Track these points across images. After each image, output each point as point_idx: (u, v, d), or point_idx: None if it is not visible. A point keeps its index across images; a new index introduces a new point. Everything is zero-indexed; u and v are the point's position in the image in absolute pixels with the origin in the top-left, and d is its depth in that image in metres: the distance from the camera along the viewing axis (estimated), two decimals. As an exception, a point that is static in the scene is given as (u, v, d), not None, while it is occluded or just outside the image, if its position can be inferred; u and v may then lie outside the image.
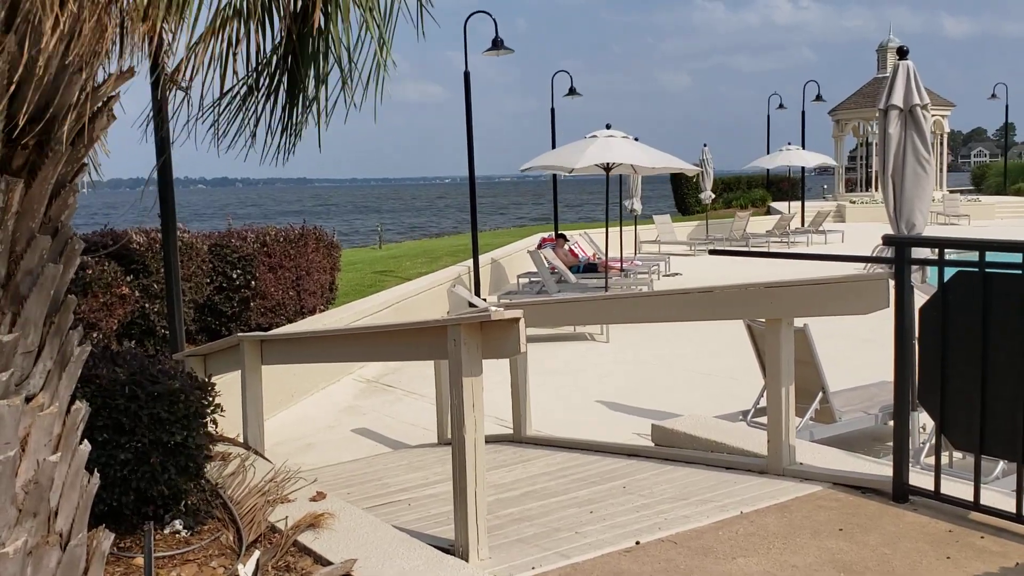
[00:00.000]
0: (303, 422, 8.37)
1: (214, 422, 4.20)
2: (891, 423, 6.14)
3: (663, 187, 39.76)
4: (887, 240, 3.81)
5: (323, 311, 10.34)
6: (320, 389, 9.46)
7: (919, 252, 4.74)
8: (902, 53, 5.79)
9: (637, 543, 3.56)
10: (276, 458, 5.54)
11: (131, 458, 3.69)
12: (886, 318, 3.92)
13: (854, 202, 31.45)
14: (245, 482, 4.50)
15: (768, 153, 28.82)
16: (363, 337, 4.42)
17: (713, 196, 25.87)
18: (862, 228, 25.09)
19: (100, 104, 2.76)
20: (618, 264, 16.48)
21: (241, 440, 5.60)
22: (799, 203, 29.19)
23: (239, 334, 5.72)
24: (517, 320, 3.28)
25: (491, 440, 6.31)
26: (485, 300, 14.17)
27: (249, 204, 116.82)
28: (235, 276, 8.97)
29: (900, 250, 3.73)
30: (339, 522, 3.82)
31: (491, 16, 14.19)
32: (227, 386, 5.82)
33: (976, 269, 3.49)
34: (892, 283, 3.80)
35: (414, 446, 6.94)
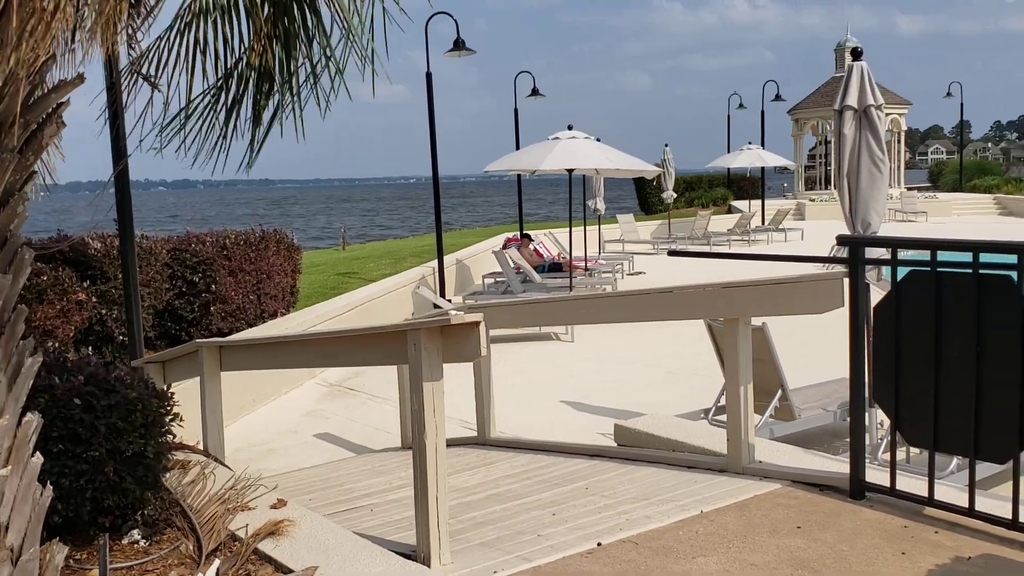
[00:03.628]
0: (265, 427, 8.30)
1: (171, 433, 4.15)
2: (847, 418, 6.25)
3: (627, 187, 39.97)
4: (841, 240, 3.87)
5: (285, 314, 10.26)
6: (283, 394, 9.39)
7: (875, 252, 4.82)
8: (856, 54, 5.88)
9: (599, 544, 3.57)
10: (238, 464, 5.49)
11: (87, 468, 3.64)
12: (846, 316, 3.97)
13: (813, 200, 31.84)
14: (205, 490, 4.45)
15: (729, 152, 29.09)
16: (323, 342, 4.40)
17: (675, 195, 26.07)
18: (821, 226, 25.39)
19: (50, 111, 2.72)
20: (582, 264, 16.54)
21: (201, 447, 5.54)
22: (760, 202, 29.50)
23: (198, 340, 5.66)
24: (477, 323, 3.28)
25: (455, 443, 6.31)
26: (450, 301, 14.15)
27: (219, 204, 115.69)
28: (195, 280, 8.88)
29: (854, 250, 3.79)
30: (300, 529, 3.80)
31: (452, 17, 14.18)
32: (188, 392, 5.77)
33: (928, 268, 3.56)
34: (847, 282, 3.86)
35: (377, 450, 6.91)
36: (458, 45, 14.33)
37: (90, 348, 7.49)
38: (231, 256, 9.39)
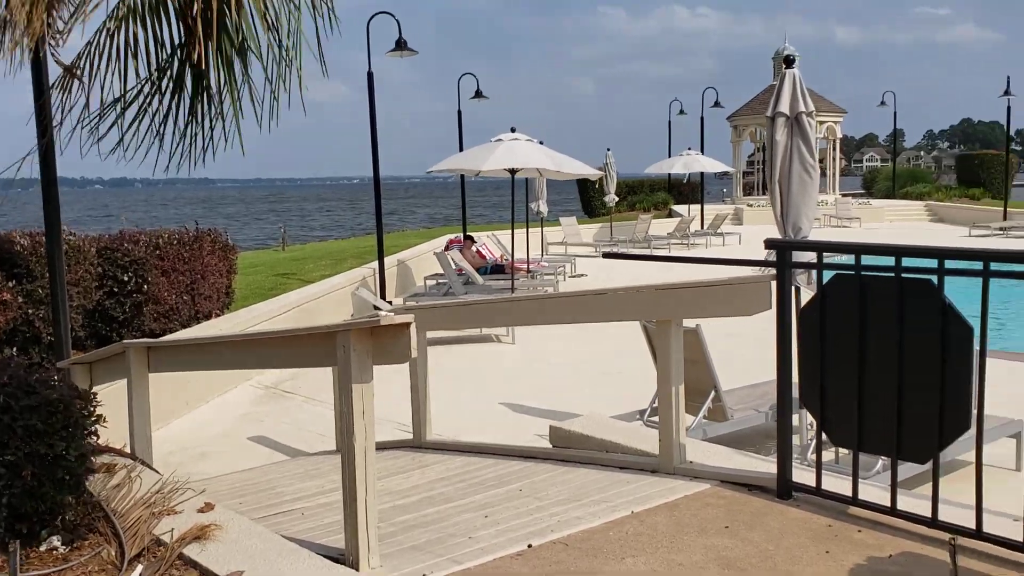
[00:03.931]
0: (198, 430, 8.15)
1: (95, 434, 4.04)
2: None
3: (570, 190, 40.22)
4: (769, 244, 3.93)
5: (220, 315, 10.08)
6: (217, 395, 9.23)
7: (806, 255, 4.90)
8: (788, 62, 5.99)
9: (529, 546, 3.57)
10: (169, 467, 5.37)
11: (3, 473, 3.52)
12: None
13: (751, 205, 32.39)
14: (131, 494, 4.34)
15: (669, 157, 29.45)
16: (252, 344, 4.33)
17: (617, 199, 26.30)
18: (759, 230, 25.81)
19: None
20: (525, 266, 16.58)
21: (129, 450, 5.41)
22: (699, 206, 29.92)
23: (125, 341, 5.52)
24: (407, 325, 3.26)
25: (391, 446, 6.26)
26: (391, 303, 14.06)
27: (157, 203, 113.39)
28: (126, 280, 8.67)
29: (781, 253, 3.85)
30: (227, 533, 3.73)
31: (394, 17, 14.11)
32: (119, 394, 5.61)
33: (852, 272, 3.63)
34: (775, 285, 3.92)
35: (312, 453, 6.83)
36: (400, 45, 14.27)
37: (15, 349, 7.27)
38: (164, 256, 9.20)
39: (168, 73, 3.43)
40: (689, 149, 28.03)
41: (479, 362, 10.58)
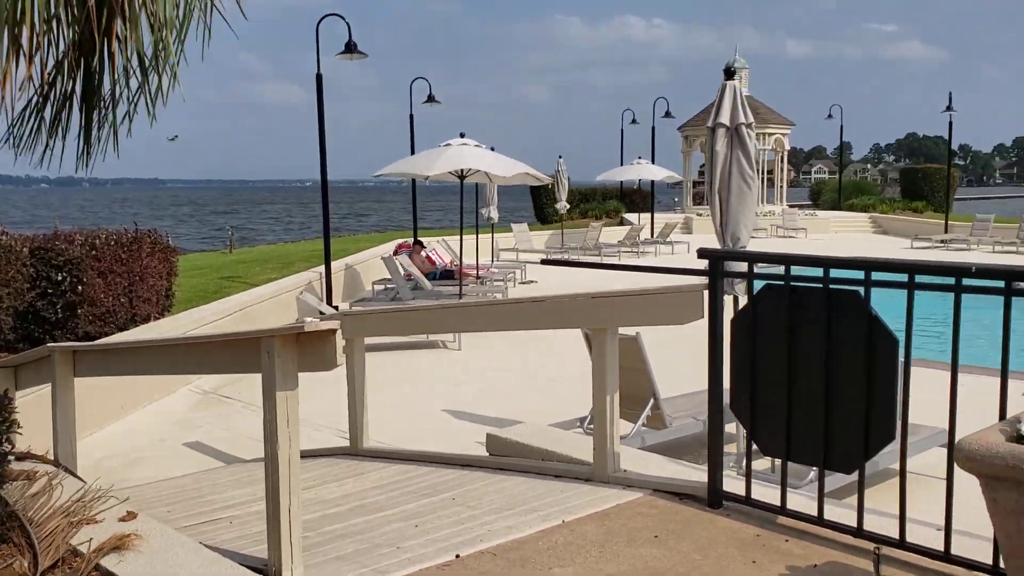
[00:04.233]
0: (132, 436, 7.96)
1: (10, 441, 3.90)
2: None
3: (523, 197, 40.31)
4: (701, 253, 3.94)
5: (159, 318, 9.88)
6: (154, 401, 9.03)
7: (742, 265, 4.94)
8: (729, 73, 6.04)
9: (457, 556, 3.53)
10: (100, 474, 5.23)
11: (-91, 481, 3.38)
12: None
13: (701, 215, 32.70)
14: (50, 503, 4.21)
15: (621, 166, 29.65)
16: (177, 349, 4.22)
17: (568, 206, 26.38)
18: (707, 239, 25.99)
19: None
20: (474, 271, 16.54)
21: (52, 457, 5.25)
22: (650, 215, 30.16)
23: (50, 344, 5.37)
24: (333, 331, 3.20)
25: (328, 453, 6.18)
26: (337, 307, 13.92)
27: (105, 205, 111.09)
28: (60, 280, 8.45)
29: (713, 263, 3.87)
30: (147, 543, 3.62)
31: (344, 19, 13.99)
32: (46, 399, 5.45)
33: (782, 282, 3.65)
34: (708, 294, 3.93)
35: (248, 460, 6.70)
36: (350, 48, 14.15)
37: (-61, 351, 7.03)
38: (101, 256, 8.98)
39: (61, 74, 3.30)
40: (639, 158, 28.29)
41: (424, 368, 10.50)
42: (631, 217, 31.64)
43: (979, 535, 3.39)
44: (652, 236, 27.46)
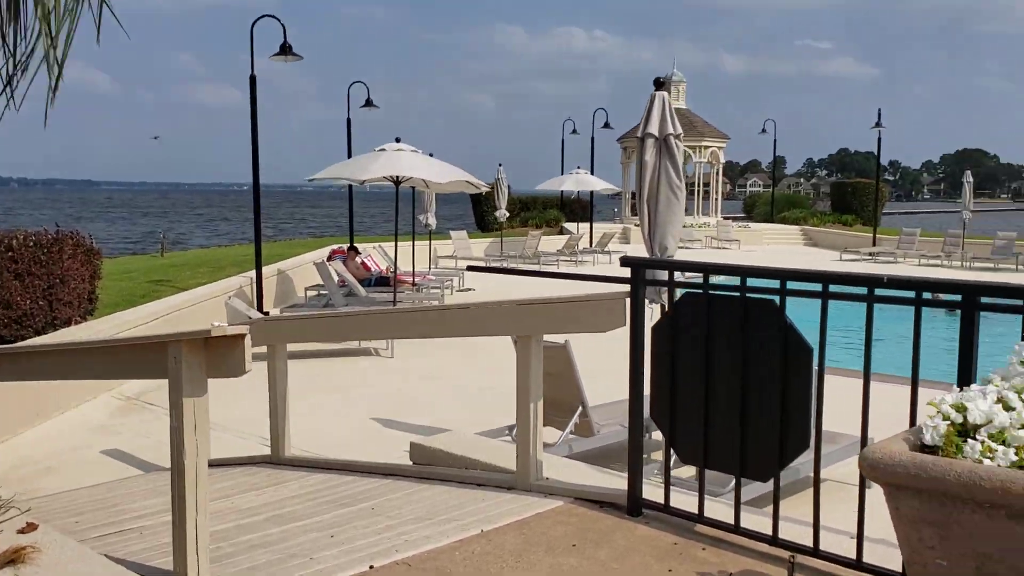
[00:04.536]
0: (48, 442, 7.69)
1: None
2: (651, 435, 6.41)
3: (464, 204, 40.26)
4: (624, 262, 3.94)
5: (80, 322, 9.57)
6: (73, 407, 8.73)
7: (664, 273, 4.95)
8: (658, 84, 6.08)
9: (371, 567, 3.45)
10: (9, 483, 5.02)
11: None
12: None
13: (638, 225, 33.01)
14: (-54, 514, 4.01)
15: (562, 175, 29.81)
16: (78, 353, 4.06)
17: (508, 214, 26.42)
18: (643, 248, 26.35)
19: None
20: (410, 278, 16.42)
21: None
22: (588, 224, 30.37)
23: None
24: (242, 336, 3.11)
25: (249, 461, 6.03)
26: (267, 313, 13.67)
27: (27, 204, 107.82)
28: (-28, 283, 8.14)
29: (635, 271, 3.87)
30: (46, 556, 3.46)
31: (279, 20, 13.79)
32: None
33: (701, 291, 3.67)
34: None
35: (167, 468, 6.50)
36: (284, 50, 13.96)
37: None
38: (18, 258, 8.68)
39: None
40: (579, 168, 28.47)
41: (355, 375, 10.37)
42: (570, 226, 31.81)
43: (891, 542, 3.43)
44: (591, 245, 27.64)
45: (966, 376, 3.00)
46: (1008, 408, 2.24)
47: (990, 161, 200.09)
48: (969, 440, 2.18)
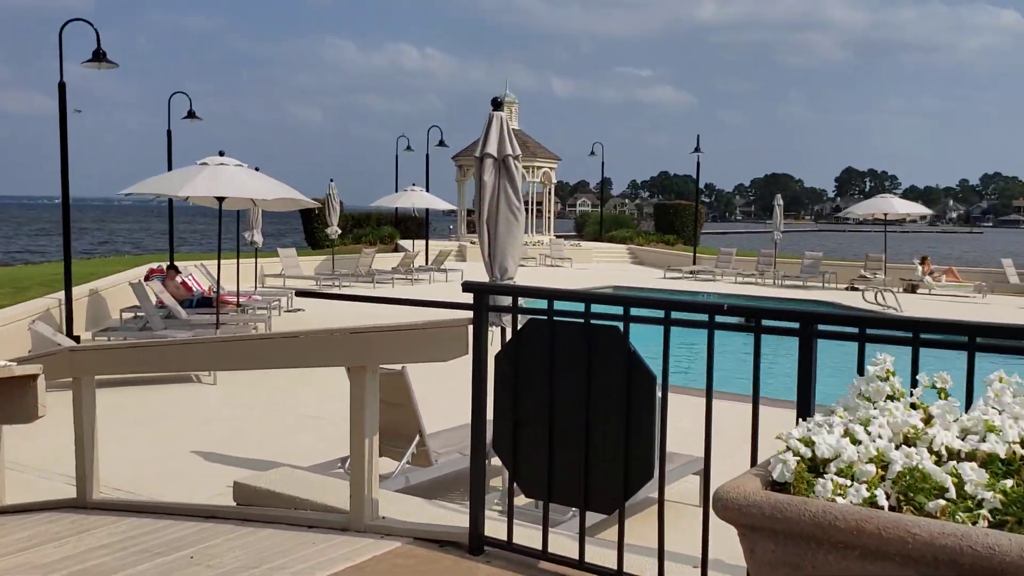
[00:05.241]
0: None
1: None
2: (490, 461, 6.26)
3: (293, 220, 39.15)
4: (466, 287, 3.77)
5: None
6: None
7: (507, 299, 4.84)
8: (496, 104, 5.99)
9: (187, 630, 3.10)
10: None
11: None
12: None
13: (474, 243, 33.17)
14: None
15: (396, 192, 29.52)
16: None
17: (340, 231, 25.84)
18: (480, 267, 26.44)
19: None
20: (235, 299, 15.66)
21: None
22: (424, 242, 30.20)
23: None
24: (34, 378, 2.71)
25: (51, 506, 5.44)
26: (78, 338, 12.65)
27: None
28: None
29: (478, 297, 3.71)
30: None
31: (92, 25, 12.88)
32: None
33: (545, 317, 3.55)
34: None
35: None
36: (98, 56, 13.04)
37: None
38: None
39: None
40: (413, 185, 28.30)
41: (173, 405, 9.70)
42: (406, 244, 31.54)
43: (736, 564, 3.42)
44: (427, 263, 27.46)
45: (805, 404, 3.01)
46: (855, 442, 2.22)
47: (795, 185, 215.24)
48: (819, 479, 2.13)
